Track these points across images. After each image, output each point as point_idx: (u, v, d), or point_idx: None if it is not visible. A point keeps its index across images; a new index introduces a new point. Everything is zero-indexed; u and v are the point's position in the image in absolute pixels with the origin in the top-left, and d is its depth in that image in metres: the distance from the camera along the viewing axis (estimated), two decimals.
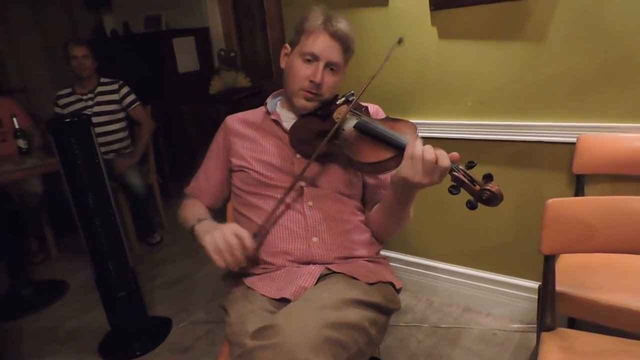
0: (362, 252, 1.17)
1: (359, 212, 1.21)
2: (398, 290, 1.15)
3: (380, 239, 1.23)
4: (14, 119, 2.55)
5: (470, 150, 1.76)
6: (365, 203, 1.25)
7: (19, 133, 2.54)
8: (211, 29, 3.81)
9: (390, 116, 1.17)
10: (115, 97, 2.91)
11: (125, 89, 2.95)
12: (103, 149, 2.35)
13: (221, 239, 1.01)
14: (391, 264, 1.27)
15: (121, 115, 2.94)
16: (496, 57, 1.65)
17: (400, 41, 1.11)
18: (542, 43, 1.55)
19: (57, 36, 3.94)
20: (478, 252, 1.95)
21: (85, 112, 2.78)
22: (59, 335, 2.20)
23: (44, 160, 2.41)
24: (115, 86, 2.93)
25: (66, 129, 1.81)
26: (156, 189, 3.17)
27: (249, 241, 1.02)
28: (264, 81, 3.69)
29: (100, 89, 2.90)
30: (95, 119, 2.32)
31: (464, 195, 0.95)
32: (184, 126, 3.64)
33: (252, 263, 1.14)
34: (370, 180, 1.23)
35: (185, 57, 3.71)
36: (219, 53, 3.67)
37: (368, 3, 1.85)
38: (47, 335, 2.21)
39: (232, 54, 3.67)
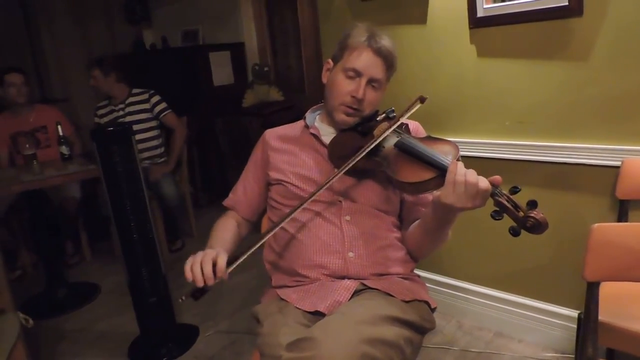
0: (397, 269, 1.16)
1: (395, 229, 1.21)
2: (432, 310, 1.13)
3: (416, 257, 1.22)
4: (59, 127, 2.66)
5: (507, 170, 1.73)
6: (402, 220, 1.24)
7: (62, 140, 2.64)
8: (246, 44, 3.90)
9: (432, 135, 1.16)
10: (146, 106, 3.01)
11: (156, 98, 3.03)
12: None
13: (199, 256, 1.02)
14: None
15: (153, 123, 3.03)
16: (536, 76, 1.63)
17: (422, 101, 1.11)
18: (585, 62, 1.52)
19: (99, 49, 4.10)
20: (512, 275, 1.90)
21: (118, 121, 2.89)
22: (89, 337, 2.25)
23: (84, 167, 2.50)
24: (146, 95, 3.03)
25: (109, 137, 1.88)
26: (188, 198, 3.23)
27: (222, 263, 1.00)
28: (296, 96, 3.73)
29: (131, 99, 3.01)
30: None
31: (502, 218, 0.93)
32: (216, 138, 3.71)
33: (285, 275, 1.14)
34: (408, 198, 1.22)
35: (221, 71, 3.80)
36: (253, 67, 3.74)
37: (406, 20, 1.87)
38: (78, 335, 2.27)
39: (266, 69, 3.74)
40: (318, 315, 1.02)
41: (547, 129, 1.65)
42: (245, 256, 1.04)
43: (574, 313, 1.73)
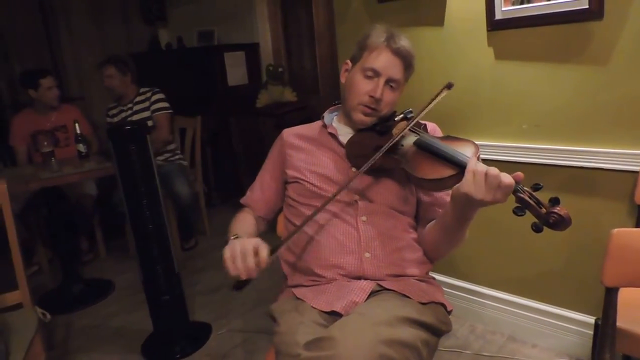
0: (413, 270, 1.16)
1: (411, 230, 1.21)
2: (448, 313, 1.13)
3: (432, 259, 1.22)
4: (76, 125, 2.70)
5: (523, 173, 1.72)
6: (418, 221, 1.24)
7: (79, 138, 2.68)
8: (261, 45, 3.92)
9: (451, 135, 1.16)
10: (146, 104, 3.03)
11: (157, 96, 3.04)
12: None
13: (239, 247, 0.98)
14: None
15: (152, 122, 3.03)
16: (554, 79, 1.62)
17: (449, 86, 1.11)
18: (605, 66, 1.50)
19: (115, 49, 4.15)
20: (526, 279, 1.88)
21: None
22: (104, 333, 2.28)
23: (100, 165, 2.53)
24: (149, 94, 3.05)
25: (125, 136, 1.90)
26: (201, 197, 3.25)
27: (264, 253, 0.98)
28: (310, 96, 3.74)
29: (138, 98, 3.04)
30: None
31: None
32: (230, 138, 3.74)
33: (301, 274, 1.15)
34: (425, 198, 1.22)
35: (235, 71, 3.82)
36: (268, 68, 3.76)
37: (423, 22, 1.87)
38: (93, 331, 2.30)
39: (280, 69, 3.75)
40: (334, 315, 1.02)
41: (564, 132, 1.64)
42: (285, 245, 1.02)
43: (589, 319, 1.72)
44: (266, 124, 3.53)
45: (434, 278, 1.22)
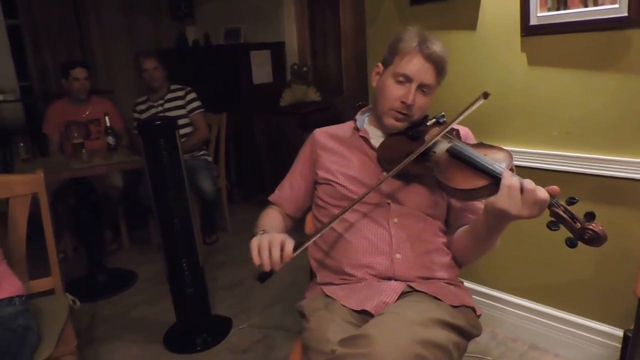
0: (442, 274, 1.16)
1: (441, 234, 1.21)
2: (477, 317, 1.13)
3: (460, 264, 1.22)
4: (106, 118, 2.76)
5: (552, 182, 1.68)
6: (448, 226, 1.24)
7: (109, 131, 2.74)
8: (286, 44, 3.95)
9: (484, 142, 1.16)
10: (181, 102, 3.09)
11: (191, 95, 3.11)
12: None
13: (265, 240, 1.00)
14: None
15: (187, 120, 3.10)
16: (588, 86, 1.60)
17: (486, 96, 1.11)
18: None
19: (143, 44, 4.23)
20: (551, 288, 1.86)
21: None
22: (126, 322, 2.33)
23: (128, 158, 2.59)
24: (182, 93, 3.11)
25: (155, 130, 1.94)
26: (224, 193, 3.29)
27: (289, 248, 0.99)
28: (334, 97, 3.76)
29: (169, 95, 3.09)
30: None
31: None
32: (253, 135, 3.77)
33: (331, 272, 1.16)
34: (456, 204, 1.22)
35: (261, 70, 3.86)
36: (292, 67, 3.79)
37: (455, 26, 1.86)
38: (116, 321, 2.35)
39: (305, 69, 3.78)
40: (364, 314, 1.03)
41: (596, 141, 1.62)
42: (310, 242, 1.04)
43: (615, 330, 1.69)
44: (289, 123, 3.55)
45: (462, 282, 1.22)
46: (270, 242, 0.99)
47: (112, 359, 2.04)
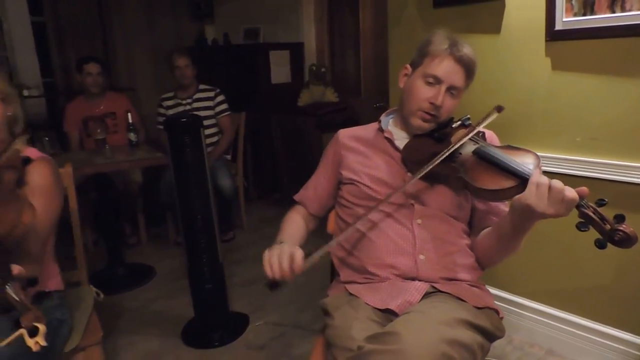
0: (465, 275, 1.17)
1: (465, 236, 1.22)
2: (500, 320, 1.13)
3: (483, 266, 1.23)
4: (129, 115, 2.81)
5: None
6: (471, 227, 1.25)
7: (131, 127, 2.80)
8: (305, 44, 3.97)
9: (511, 145, 1.16)
10: (210, 103, 3.13)
11: (220, 97, 3.17)
12: None
13: (277, 251, 1.05)
14: None
15: (213, 121, 3.15)
16: (614, 92, 1.59)
17: (499, 110, 1.14)
18: None
19: (163, 42, 4.30)
20: (569, 293, 1.85)
21: None
22: (146, 316, 2.37)
23: (150, 154, 2.63)
24: (212, 94, 3.16)
25: (181, 128, 1.98)
26: (241, 191, 3.33)
27: (299, 260, 1.04)
28: (352, 98, 3.77)
29: (198, 95, 3.14)
30: None
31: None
32: (270, 134, 3.80)
33: (354, 271, 1.18)
34: (480, 206, 1.23)
35: (279, 70, 3.89)
36: (311, 67, 3.82)
37: (479, 30, 1.86)
38: (135, 314, 2.39)
39: (323, 70, 3.80)
40: (388, 313, 1.05)
41: (621, 147, 1.61)
42: (320, 254, 1.07)
43: (635, 338, 1.68)
44: (306, 123, 3.58)
45: (484, 284, 1.23)
46: (280, 253, 1.04)
47: (131, 352, 2.07)
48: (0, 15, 3.61)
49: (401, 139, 1.28)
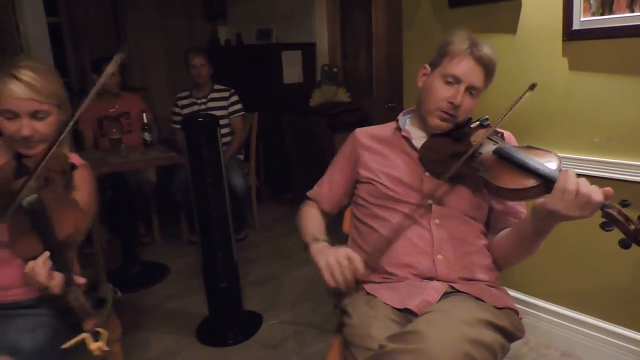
0: (482, 276, 1.17)
1: (482, 236, 1.22)
2: (519, 320, 1.13)
3: (500, 267, 1.23)
4: (144, 114, 2.84)
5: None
6: (489, 228, 1.25)
7: (146, 127, 2.82)
8: (317, 45, 3.98)
9: (532, 145, 1.16)
10: (224, 103, 3.16)
11: (234, 98, 3.19)
12: None
13: (334, 260, 1.04)
14: None
15: (227, 121, 3.18)
16: (632, 92, 1.57)
17: (532, 87, 1.12)
18: None
19: (177, 42, 4.33)
20: (586, 294, 1.84)
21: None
22: (161, 314, 2.39)
23: (165, 153, 2.66)
24: (227, 94, 3.18)
25: (197, 127, 2.00)
26: (253, 191, 3.34)
27: (359, 265, 1.04)
28: (364, 98, 3.77)
29: (213, 95, 3.16)
30: None
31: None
32: (282, 134, 3.82)
33: (372, 271, 1.18)
34: (497, 206, 1.23)
35: (291, 70, 3.90)
36: (323, 68, 3.82)
37: (495, 29, 1.86)
38: (149, 312, 2.42)
39: (335, 70, 3.80)
40: (407, 312, 1.05)
41: (639, 147, 1.60)
42: (377, 255, 1.10)
43: None
44: (318, 123, 3.59)
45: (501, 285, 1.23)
46: (338, 261, 1.04)
47: (146, 349, 2.09)
48: (17, 17, 3.66)
49: (419, 138, 1.28)
